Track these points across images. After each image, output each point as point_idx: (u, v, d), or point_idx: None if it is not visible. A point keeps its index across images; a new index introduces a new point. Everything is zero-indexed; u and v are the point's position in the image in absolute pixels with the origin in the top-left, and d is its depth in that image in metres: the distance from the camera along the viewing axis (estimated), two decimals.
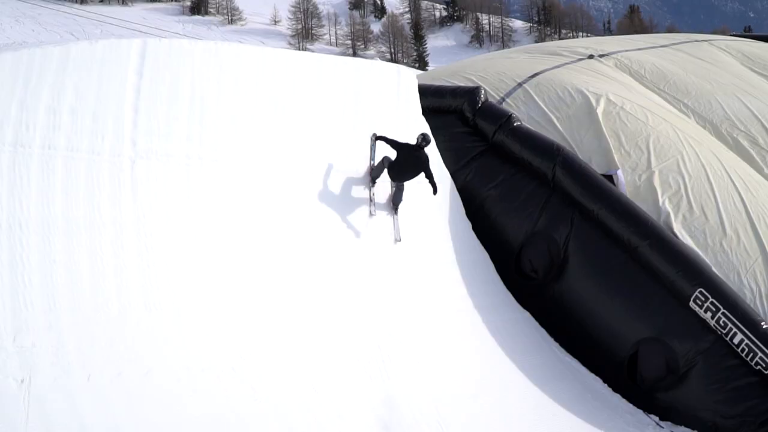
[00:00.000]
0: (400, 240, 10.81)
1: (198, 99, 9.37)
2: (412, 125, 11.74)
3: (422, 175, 10.80)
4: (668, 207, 11.13)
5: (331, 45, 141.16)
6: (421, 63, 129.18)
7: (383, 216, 10.84)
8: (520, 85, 13.46)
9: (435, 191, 10.90)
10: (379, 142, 10.94)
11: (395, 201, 11.02)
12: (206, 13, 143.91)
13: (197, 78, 9.44)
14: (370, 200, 10.83)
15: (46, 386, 6.81)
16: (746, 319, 10.03)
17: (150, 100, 8.88)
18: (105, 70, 8.56)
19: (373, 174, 10.92)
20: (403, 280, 10.46)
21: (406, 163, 10.76)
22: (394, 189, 11.05)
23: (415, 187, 11.07)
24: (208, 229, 8.82)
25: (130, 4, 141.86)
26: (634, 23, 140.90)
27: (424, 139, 10.85)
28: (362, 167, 10.94)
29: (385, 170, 10.87)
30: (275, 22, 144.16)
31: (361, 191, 10.75)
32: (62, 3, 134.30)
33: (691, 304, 10.26)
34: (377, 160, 10.95)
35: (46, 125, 7.91)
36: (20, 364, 6.82)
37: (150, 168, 8.65)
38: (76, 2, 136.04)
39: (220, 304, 8.44)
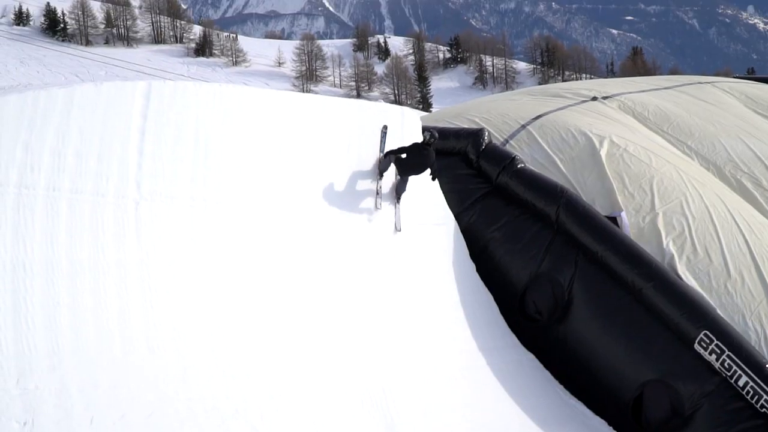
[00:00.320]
0: (400, 230, 10.91)
1: (202, 141, 9.40)
2: None
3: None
4: (672, 249, 11.11)
5: (335, 86, 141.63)
6: (425, 104, 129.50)
7: (389, 260, 10.83)
8: (523, 127, 13.48)
9: (434, 179, 11.19)
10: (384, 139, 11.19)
11: (398, 191, 11.18)
12: (211, 54, 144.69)
13: (202, 120, 9.47)
14: (377, 192, 10.96)
15: (49, 429, 6.78)
16: (751, 361, 9.98)
17: (154, 142, 8.91)
18: (110, 112, 8.59)
19: (381, 167, 11.07)
20: (408, 320, 10.45)
21: (415, 160, 10.95)
22: (398, 180, 11.17)
23: (421, 229, 11.10)
24: (211, 270, 8.82)
25: (134, 46, 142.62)
26: (637, 65, 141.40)
27: (432, 137, 11.05)
28: (365, 209, 10.95)
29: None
30: (279, 64, 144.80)
31: (365, 240, 10.74)
32: (67, 45, 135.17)
33: (696, 346, 10.21)
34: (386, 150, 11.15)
35: (50, 167, 7.93)
36: (23, 406, 6.80)
37: (154, 209, 8.66)
38: (81, 44, 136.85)
39: (222, 346, 8.42)
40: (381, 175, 11.14)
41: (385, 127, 11.23)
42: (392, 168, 11.42)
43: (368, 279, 10.46)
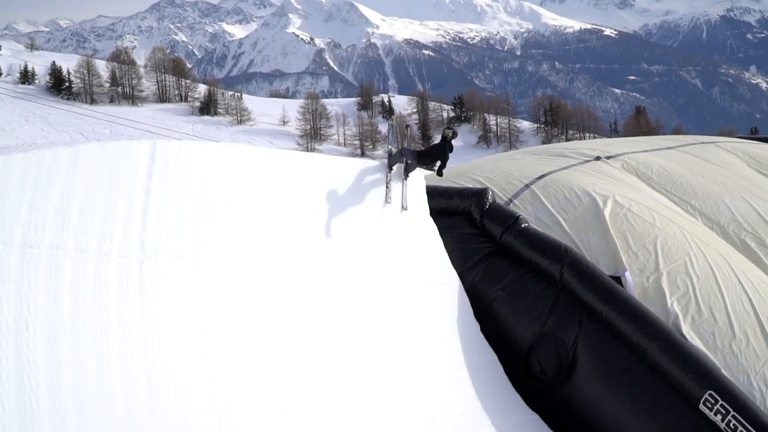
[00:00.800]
0: (406, 209, 11.03)
1: (207, 200, 9.43)
2: (420, 227, 11.80)
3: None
4: (677, 309, 11.08)
5: (339, 145, 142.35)
6: None
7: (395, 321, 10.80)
8: (527, 186, 13.51)
9: (440, 174, 11.51)
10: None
11: (408, 170, 11.37)
12: (215, 113, 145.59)
13: (206, 179, 9.51)
14: (387, 186, 11.09)
15: None
16: (756, 421, 9.91)
17: (159, 200, 8.94)
18: (114, 172, 8.63)
19: (390, 162, 11.24)
20: (411, 380, 10.40)
21: (433, 154, 11.31)
22: (409, 162, 11.39)
23: (425, 288, 11.11)
24: (215, 330, 8.80)
25: (139, 104, 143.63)
26: (640, 124, 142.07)
27: (454, 134, 11.43)
28: (368, 267, 10.95)
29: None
30: (284, 123, 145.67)
31: (368, 298, 10.73)
32: (72, 103, 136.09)
33: (701, 406, 10.14)
34: (395, 144, 11.49)
35: (55, 226, 7.94)
36: None
37: (158, 268, 8.66)
38: (86, 102, 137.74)
39: (227, 407, 8.38)
40: (390, 169, 11.36)
41: (392, 119, 11.66)
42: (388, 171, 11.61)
43: (372, 338, 10.43)
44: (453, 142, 12.04)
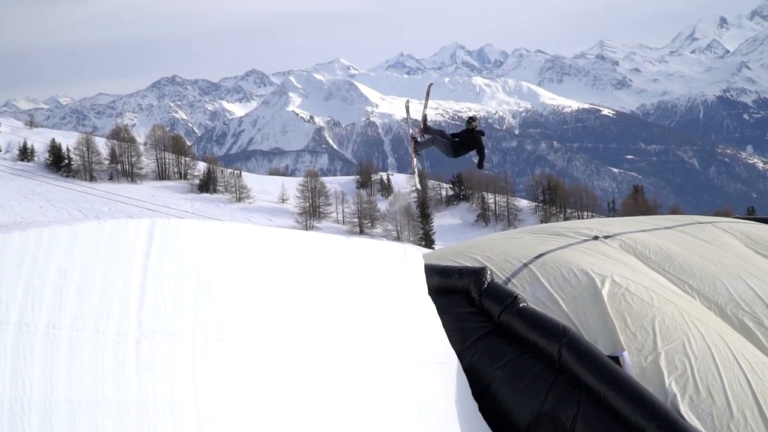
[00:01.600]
0: (420, 188, 11.42)
1: (205, 278, 9.42)
2: (418, 306, 11.79)
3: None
4: (675, 389, 11.05)
5: (338, 223, 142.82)
6: (427, 241, 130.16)
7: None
8: (525, 265, 13.54)
9: (481, 166, 12.04)
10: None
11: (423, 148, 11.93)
12: (215, 191, 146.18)
13: (204, 257, 9.52)
14: (415, 172, 11.37)
15: None
16: None
17: (157, 279, 8.94)
18: (112, 250, 8.65)
19: (420, 147, 11.64)
20: None
21: (467, 143, 11.68)
22: (429, 138, 11.84)
23: (423, 368, 11.06)
24: (212, 410, 8.75)
25: (139, 181, 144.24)
26: (638, 203, 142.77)
27: (474, 120, 12.05)
28: (367, 347, 10.91)
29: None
30: (283, 200, 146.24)
31: (367, 380, 10.69)
32: (71, 180, 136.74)
33: None
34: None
35: (51, 305, 7.94)
36: None
37: (155, 347, 8.63)
38: (85, 180, 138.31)
39: None
40: (417, 154, 11.89)
41: (431, 85, 12.17)
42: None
43: (369, 418, 10.36)
44: (454, 219, 12.26)
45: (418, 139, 11.76)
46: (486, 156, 12.47)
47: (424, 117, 11.87)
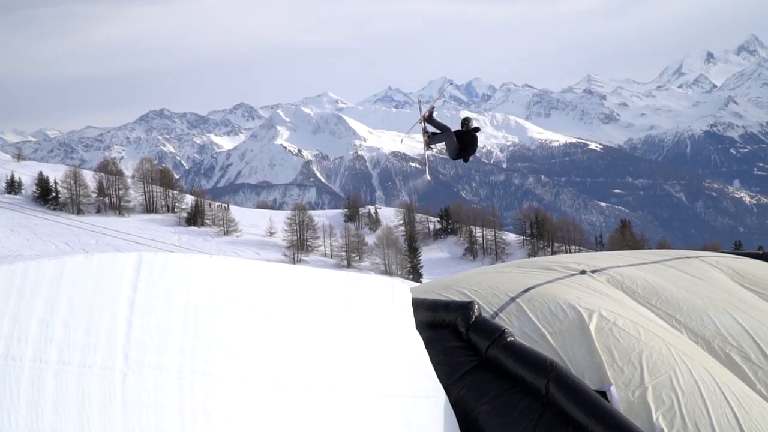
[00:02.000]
0: (429, 179, 11.92)
1: (192, 312, 9.41)
2: (405, 340, 11.77)
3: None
4: (662, 423, 11.04)
5: (325, 256, 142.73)
6: (415, 275, 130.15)
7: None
8: (513, 299, 13.54)
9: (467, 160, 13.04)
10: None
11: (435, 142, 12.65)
12: (202, 224, 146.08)
13: (192, 291, 9.51)
14: (427, 164, 11.85)
15: None
16: None
17: (143, 313, 8.92)
18: (99, 284, 8.64)
19: (433, 141, 12.37)
20: None
21: (463, 145, 12.37)
22: (441, 134, 12.60)
23: (411, 402, 11.03)
24: None
25: (126, 214, 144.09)
26: (625, 237, 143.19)
27: (472, 122, 13.08)
28: (354, 383, 10.89)
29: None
30: (271, 234, 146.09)
31: (355, 414, 10.66)
32: (58, 213, 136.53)
33: None
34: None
35: (38, 338, 7.92)
36: None
37: (141, 381, 8.61)
38: (73, 213, 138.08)
39: None
40: (430, 147, 12.62)
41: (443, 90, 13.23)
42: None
43: None
44: (442, 252, 12.41)
45: (429, 133, 13.21)
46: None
47: (431, 108, 12.97)
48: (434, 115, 14.27)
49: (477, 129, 14.02)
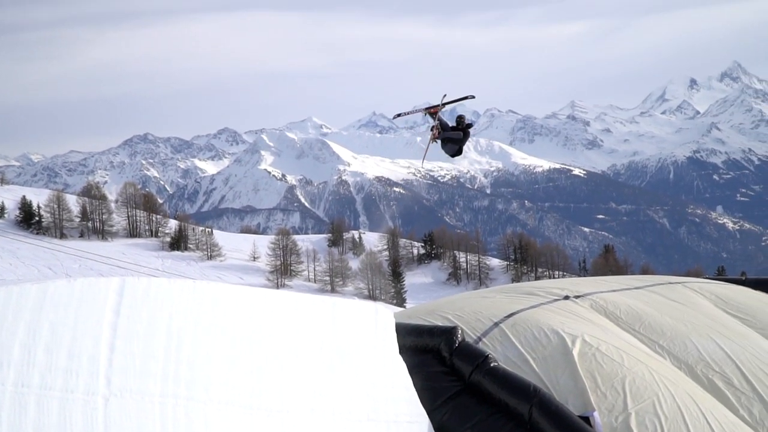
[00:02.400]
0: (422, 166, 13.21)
1: (175, 337, 9.38)
2: (389, 365, 11.75)
3: None
4: None
5: (309, 281, 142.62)
6: (399, 300, 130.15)
7: None
8: (496, 324, 13.54)
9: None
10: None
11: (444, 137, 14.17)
12: (186, 248, 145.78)
13: (175, 316, 9.48)
14: (426, 152, 13.08)
15: None
16: None
17: (126, 338, 8.89)
18: (82, 308, 8.61)
19: (442, 135, 13.80)
20: None
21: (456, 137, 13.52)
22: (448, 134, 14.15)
23: (394, 427, 11.02)
24: None
25: (109, 239, 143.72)
26: (609, 262, 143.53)
27: (463, 118, 14.74)
28: (337, 407, 10.87)
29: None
30: (254, 258, 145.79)
31: None
32: (41, 237, 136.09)
33: None
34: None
35: (20, 362, 7.88)
36: None
37: (124, 406, 8.57)
38: (56, 237, 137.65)
39: None
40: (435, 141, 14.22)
41: (445, 96, 15.11)
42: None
43: None
44: (425, 277, 12.43)
45: (440, 127, 14.84)
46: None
47: (444, 104, 14.64)
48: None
49: (470, 125, 15.48)
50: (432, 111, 16.67)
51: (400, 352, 12.40)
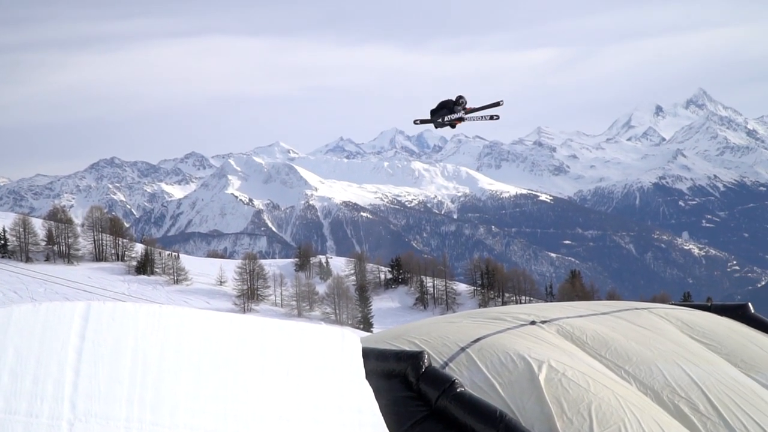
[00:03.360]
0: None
1: (140, 362, 9.34)
2: (355, 390, 11.74)
3: None
4: None
5: (276, 305, 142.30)
6: (365, 324, 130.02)
7: None
8: (463, 349, 13.54)
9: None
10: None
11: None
12: (152, 273, 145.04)
13: (140, 341, 9.44)
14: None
15: None
16: None
17: (91, 362, 8.85)
18: (47, 333, 8.57)
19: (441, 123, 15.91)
20: None
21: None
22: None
23: None
24: None
25: (75, 263, 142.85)
26: (575, 288, 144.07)
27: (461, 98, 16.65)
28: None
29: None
30: (221, 283, 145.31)
31: None
32: (6, 261, 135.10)
33: None
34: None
35: None
36: None
37: (89, 431, 8.52)
38: (21, 261, 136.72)
39: None
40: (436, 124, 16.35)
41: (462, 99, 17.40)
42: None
43: None
44: (392, 302, 12.39)
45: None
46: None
47: (468, 111, 16.86)
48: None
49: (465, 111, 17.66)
50: (456, 123, 18.29)
51: (366, 377, 12.38)
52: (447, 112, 17.75)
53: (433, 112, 17.91)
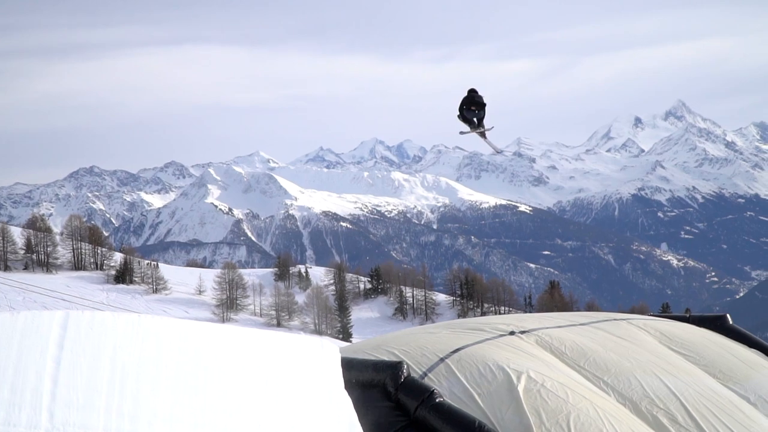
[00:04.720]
0: (501, 151, 16.46)
1: (119, 371, 9.31)
2: (334, 400, 11.73)
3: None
4: None
5: (255, 315, 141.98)
6: (345, 334, 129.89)
7: None
8: (442, 360, 13.55)
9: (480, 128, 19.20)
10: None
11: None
12: (131, 282, 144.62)
13: (119, 350, 9.42)
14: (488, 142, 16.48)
15: None
16: None
17: (69, 371, 8.82)
18: (25, 342, 8.54)
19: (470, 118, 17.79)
20: None
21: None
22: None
23: None
24: None
25: (54, 272, 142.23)
26: (554, 298, 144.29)
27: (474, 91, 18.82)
28: None
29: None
30: (200, 292, 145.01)
31: None
32: None
33: None
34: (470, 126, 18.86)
35: None
36: None
37: None
38: (0, 269, 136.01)
39: None
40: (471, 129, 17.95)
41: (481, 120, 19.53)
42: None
43: None
44: (372, 312, 12.35)
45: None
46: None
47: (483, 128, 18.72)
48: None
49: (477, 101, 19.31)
50: (484, 132, 20.10)
51: (345, 387, 12.36)
52: (474, 107, 19.80)
53: (463, 107, 19.73)
